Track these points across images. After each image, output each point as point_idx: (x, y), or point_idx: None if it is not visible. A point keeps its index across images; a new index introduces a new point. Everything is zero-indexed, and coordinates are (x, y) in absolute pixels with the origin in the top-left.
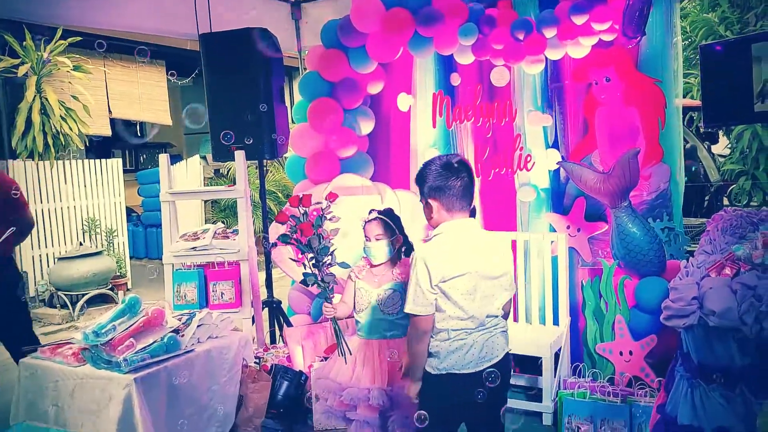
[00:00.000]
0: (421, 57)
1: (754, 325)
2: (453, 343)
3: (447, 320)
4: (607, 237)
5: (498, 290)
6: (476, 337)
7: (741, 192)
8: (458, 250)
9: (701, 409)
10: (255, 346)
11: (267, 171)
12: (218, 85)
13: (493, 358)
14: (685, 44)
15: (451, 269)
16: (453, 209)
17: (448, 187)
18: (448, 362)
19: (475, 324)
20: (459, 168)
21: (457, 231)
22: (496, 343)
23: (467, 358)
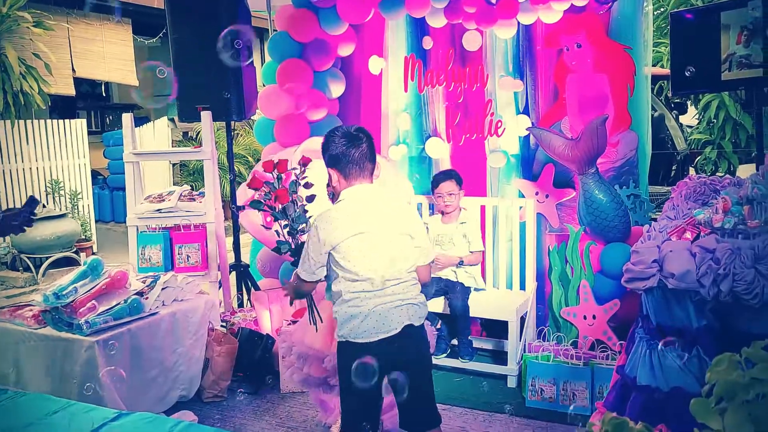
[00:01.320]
0: (392, 19)
1: (711, 287)
2: (350, 308)
3: (341, 282)
4: (575, 203)
5: (398, 253)
6: (374, 305)
7: (707, 161)
8: (351, 214)
9: (659, 369)
10: (222, 309)
11: (237, 134)
12: (184, 45)
13: (391, 330)
14: (657, 13)
15: (344, 232)
16: (350, 177)
17: (345, 155)
18: (345, 330)
19: (373, 287)
20: (357, 135)
21: (356, 196)
22: (397, 315)
23: (362, 327)
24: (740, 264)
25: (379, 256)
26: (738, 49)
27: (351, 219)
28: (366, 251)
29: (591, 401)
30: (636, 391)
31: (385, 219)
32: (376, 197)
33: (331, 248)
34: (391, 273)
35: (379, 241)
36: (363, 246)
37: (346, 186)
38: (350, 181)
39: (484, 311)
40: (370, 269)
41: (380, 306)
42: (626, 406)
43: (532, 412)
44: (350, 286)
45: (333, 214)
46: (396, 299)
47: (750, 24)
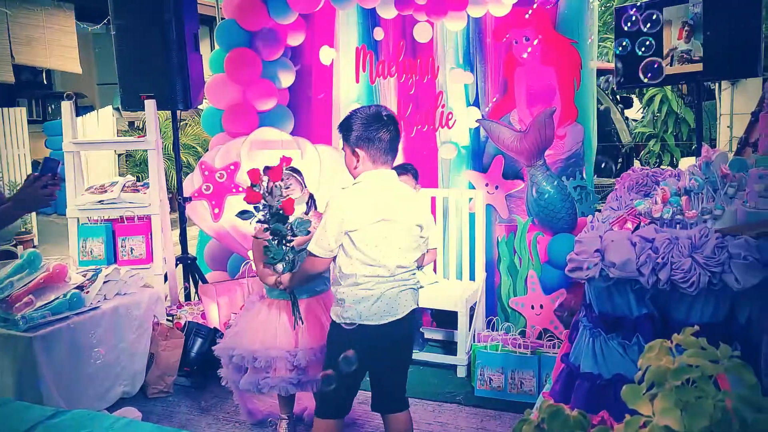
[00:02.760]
0: (343, 9)
1: (650, 276)
2: (361, 291)
3: (355, 265)
4: (524, 194)
5: (412, 242)
6: (385, 289)
7: (651, 154)
8: (375, 199)
9: (601, 357)
10: (168, 303)
11: (185, 124)
12: (127, 32)
13: (397, 314)
14: (603, 8)
15: (365, 217)
16: (377, 161)
17: (377, 138)
18: (353, 312)
19: (385, 272)
20: (388, 120)
21: (377, 181)
22: (404, 299)
23: (372, 309)
24: (678, 253)
25: (395, 244)
26: (679, 44)
27: (374, 204)
28: (385, 238)
29: (538, 389)
30: (580, 379)
31: (403, 208)
32: (396, 184)
33: (352, 230)
34: (403, 261)
35: (397, 229)
36: (382, 233)
37: (370, 168)
38: (377, 165)
39: (434, 302)
40: (386, 256)
41: (390, 290)
42: (571, 394)
43: (481, 401)
44: (365, 269)
45: (356, 196)
46: (402, 285)
47: (691, 20)
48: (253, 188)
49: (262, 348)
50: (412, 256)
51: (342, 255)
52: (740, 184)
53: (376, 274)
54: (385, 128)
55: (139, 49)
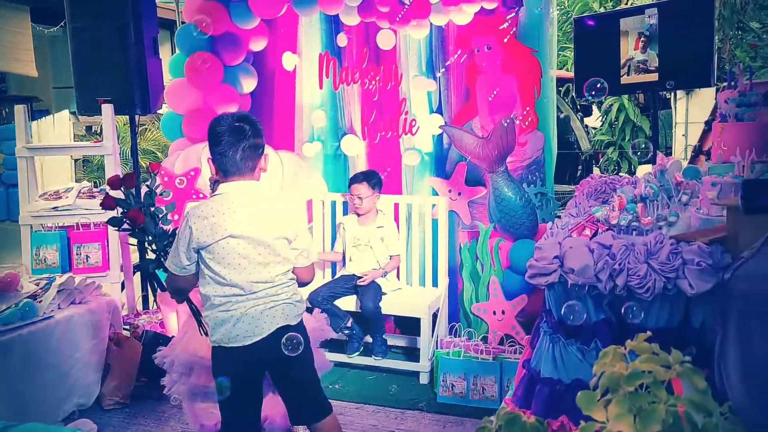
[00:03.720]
0: (306, 15)
1: (607, 281)
2: (220, 313)
3: (209, 285)
4: (486, 201)
5: (274, 257)
6: (247, 308)
7: (609, 161)
8: (230, 213)
9: (560, 362)
10: (125, 311)
11: (145, 129)
12: (84, 34)
13: (263, 332)
14: (564, 18)
15: (214, 233)
16: (229, 173)
17: (223, 149)
18: (218, 336)
19: (242, 291)
20: (240, 128)
21: (234, 194)
22: (270, 315)
23: (235, 331)
24: (634, 259)
25: (251, 261)
26: (636, 54)
27: (225, 219)
28: (237, 255)
29: (500, 395)
30: (540, 384)
31: (262, 221)
32: (255, 196)
33: (201, 248)
34: (263, 277)
35: (253, 246)
36: (235, 250)
37: (224, 180)
38: (229, 177)
39: (397, 308)
40: (240, 275)
41: (252, 309)
42: (533, 399)
43: (443, 407)
44: (219, 290)
45: (207, 211)
46: (269, 301)
47: (647, 31)
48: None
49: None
50: (277, 270)
51: (200, 275)
52: (694, 191)
53: (232, 293)
54: (232, 139)
55: (96, 52)
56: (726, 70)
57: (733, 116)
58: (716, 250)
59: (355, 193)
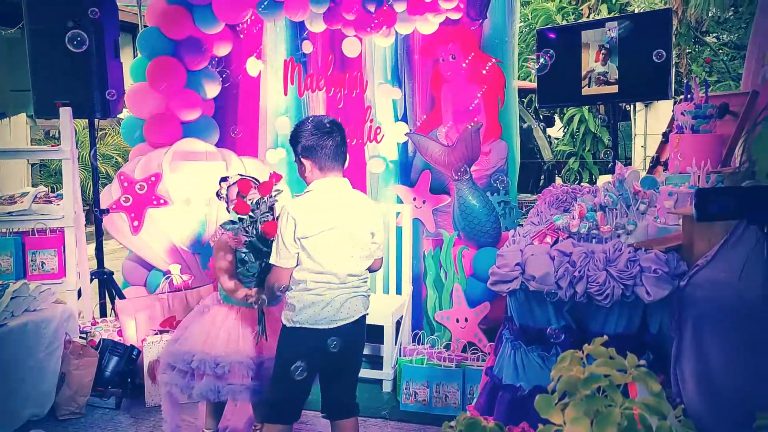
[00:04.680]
0: (271, 21)
1: (567, 289)
2: (310, 296)
3: (305, 272)
4: (450, 209)
5: (363, 250)
6: (335, 295)
7: (571, 171)
8: (325, 207)
9: (522, 369)
10: (81, 319)
11: (105, 133)
12: (43, 36)
13: (347, 318)
14: (527, 30)
15: (316, 225)
16: (325, 168)
17: (320, 146)
18: (303, 316)
19: (335, 280)
20: (331, 128)
21: (328, 189)
22: (354, 305)
23: (322, 314)
24: (593, 267)
25: (346, 252)
26: (596, 66)
27: (324, 212)
28: (335, 246)
29: (462, 402)
30: (502, 391)
31: (354, 215)
32: (346, 191)
33: (305, 238)
34: (355, 270)
35: (348, 238)
36: (332, 241)
37: (319, 177)
38: (325, 172)
39: None
40: (336, 264)
41: (339, 297)
42: (495, 406)
43: (406, 415)
44: (315, 276)
45: (307, 205)
46: (353, 292)
47: (607, 43)
48: (244, 199)
49: (225, 353)
50: (364, 264)
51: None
52: (651, 200)
53: (327, 281)
54: (328, 136)
55: (55, 54)
56: (683, 84)
57: (689, 128)
58: (672, 258)
59: None
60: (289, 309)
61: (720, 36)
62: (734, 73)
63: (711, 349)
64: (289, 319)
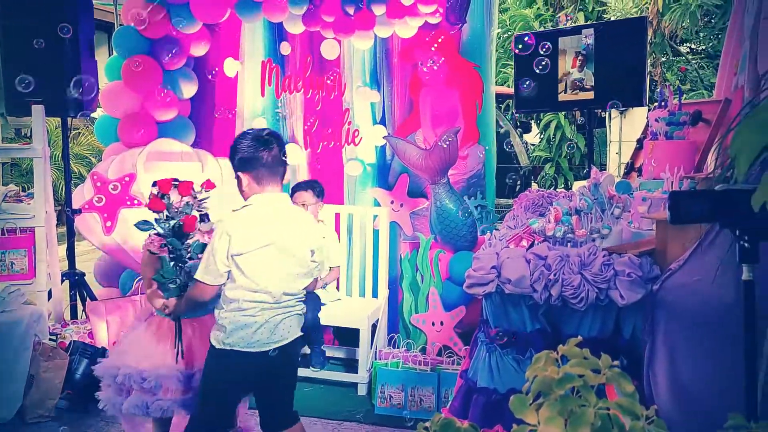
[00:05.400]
0: (249, 22)
1: (543, 292)
2: (244, 317)
3: (238, 290)
4: (428, 212)
5: (301, 268)
6: (270, 316)
7: (547, 177)
8: (262, 223)
9: (496, 372)
10: (51, 321)
11: (79, 133)
12: (15, 33)
13: (281, 340)
14: (506, 36)
15: (252, 241)
16: (263, 182)
17: (256, 159)
18: (234, 338)
19: (269, 299)
20: (268, 140)
21: (266, 204)
22: (288, 325)
23: (255, 336)
24: (568, 270)
25: (282, 270)
26: (573, 72)
27: (261, 228)
28: (271, 264)
29: (437, 406)
30: (477, 394)
31: (292, 231)
32: (285, 207)
33: (239, 255)
34: (290, 287)
35: (285, 255)
36: (268, 258)
37: (257, 191)
38: (262, 186)
39: (336, 319)
40: (272, 282)
41: (274, 317)
42: (470, 409)
43: (380, 419)
44: (249, 295)
45: (243, 220)
46: (287, 312)
47: (584, 50)
48: (161, 198)
49: (152, 367)
50: (302, 283)
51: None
52: (625, 205)
53: (261, 300)
54: (265, 148)
55: (28, 51)
56: (658, 92)
57: (663, 134)
58: (646, 262)
59: (299, 201)
60: (219, 330)
61: (693, 48)
62: (707, 83)
63: (682, 352)
64: (220, 340)
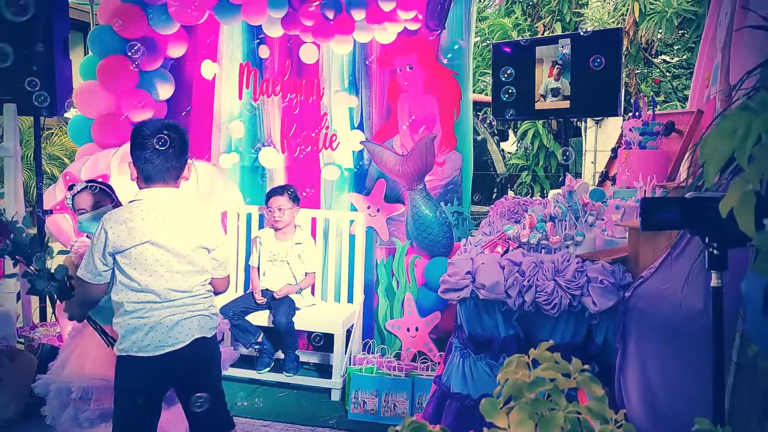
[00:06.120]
0: (228, 24)
1: (517, 298)
2: (133, 320)
3: (122, 292)
4: (404, 218)
5: (191, 266)
6: (162, 317)
7: (523, 185)
8: (149, 219)
9: (470, 377)
10: (20, 323)
11: (52, 133)
12: None
13: (179, 343)
14: (484, 45)
15: (131, 239)
16: (152, 178)
17: (144, 154)
18: (127, 343)
19: (156, 298)
20: (164, 134)
21: (154, 200)
22: (187, 326)
23: (146, 340)
24: (542, 276)
25: (169, 268)
26: (549, 81)
27: (144, 224)
28: (155, 261)
29: (411, 411)
30: (450, 400)
31: (182, 229)
32: (175, 204)
33: (117, 252)
34: (181, 286)
35: (171, 253)
36: (152, 256)
37: (144, 186)
38: (149, 182)
39: (310, 324)
40: (156, 281)
41: (167, 318)
42: (443, 415)
43: (354, 424)
44: (133, 296)
45: (125, 215)
46: (186, 311)
47: (560, 60)
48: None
49: (78, 377)
50: (194, 280)
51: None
52: (599, 212)
53: (147, 300)
54: (156, 143)
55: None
56: (632, 103)
57: (636, 144)
58: (618, 269)
59: (275, 205)
60: (119, 336)
61: (667, 60)
62: (681, 94)
63: (653, 358)
64: (116, 347)
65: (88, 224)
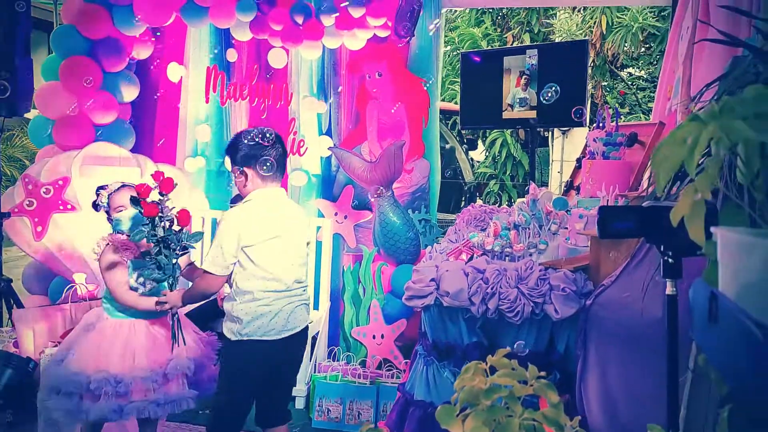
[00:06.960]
0: (195, 27)
1: (480, 305)
2: (260, 307)
3: (252, 280)
4: (371, 225)
5: (301, 258)
6: (283, 305)
7: (491, 193)
8: (267, 216)
9: (433, 385)
10: None
11: (12, 134)
12: None
13: (294, 328)
14: (454, 54)
15: (260, 233)
16: (266, 179)
17: (264, 156)
18: (251, 328)
19: (282, 287)
20: (274, 139)
21: (268, 198)
22: (299, 314)
23: (270, 325)
24: (505, 284)
25: (289, 260)
26: (517, 91)
27: (267, 220)
28: (280, 254)
29: (375, 419)
30: (413, 407)
31: (293, 224)
32: (285, 201)
33: (249, 246)
34: (299, 276)
35: (290, 246)
36: (278, 249)
37: (260, 186)
38: (266, 182)
39: None
40: (284, 272)
41: (287, 306)
42: (406, 422)
43: None
44: (263, 284)
45: (249, 213)
46: (299, 300)
47: (528, 70)
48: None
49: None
50: (302, 272)
51: (239, 271)
52: (562, 221)
53: (274, 289)
54: (271, 147)
55: None
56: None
57: (600, 154)
58: (580, 277)
59: None
60: (234, 322)
61: (632, 73)
62: (645, 107)
63: (612, 366)
64: (235, 332)
65: (126, 223)
